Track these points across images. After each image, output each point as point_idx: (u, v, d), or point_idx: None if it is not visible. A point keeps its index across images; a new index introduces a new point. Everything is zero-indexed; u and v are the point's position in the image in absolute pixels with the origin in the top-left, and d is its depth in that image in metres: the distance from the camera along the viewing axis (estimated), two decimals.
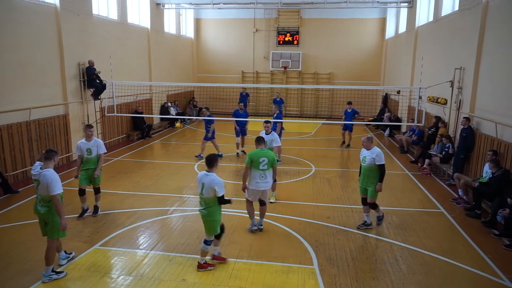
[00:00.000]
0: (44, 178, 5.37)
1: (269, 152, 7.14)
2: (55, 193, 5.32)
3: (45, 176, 5.37)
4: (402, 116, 16.98)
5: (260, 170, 6.94)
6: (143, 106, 16.59)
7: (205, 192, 5.67)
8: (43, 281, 5.47)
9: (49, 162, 5.53)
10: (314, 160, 12.67)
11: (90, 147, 7.63)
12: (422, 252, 6.53)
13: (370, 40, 22.51)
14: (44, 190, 5.39)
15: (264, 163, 6.93)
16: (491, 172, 8.10)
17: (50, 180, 5.33)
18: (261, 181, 6.98)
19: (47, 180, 5.34)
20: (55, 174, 5.46)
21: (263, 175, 6.97)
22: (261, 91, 23.41)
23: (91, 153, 7.63)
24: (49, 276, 5.51)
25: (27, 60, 10.30)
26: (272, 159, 7.04)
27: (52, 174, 5.42)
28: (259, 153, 6.98)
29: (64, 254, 6.02)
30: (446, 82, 11.59)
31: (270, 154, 7.06)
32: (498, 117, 8.84)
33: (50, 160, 5.54)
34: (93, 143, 7.69)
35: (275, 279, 5.65)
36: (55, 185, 5.33)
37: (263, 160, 6.93)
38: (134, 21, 16.64)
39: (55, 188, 5.32)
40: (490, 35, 9.62)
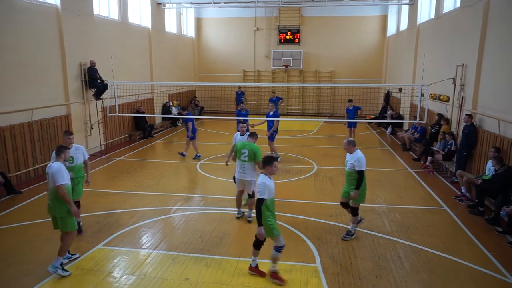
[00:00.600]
0: (50, 170, 5.58)
1: (252, 145, 7.20)
2: (59, 183, 5.48)
3: (51, 168, 5.58)
4: (404, 114, 16.94)
5: (241, 160, 7.24)
6: (145, 105, 16.61)
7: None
8: (48, 270, 5.58)
9: (58, 158, 5.75)
10: (316, 158, 12.66)
11: (71, 154, 6.76)
12: (425, 250, 6.51)
13: (372, 38, 22.45)
14: (50, 182, 5.59)
15: (244, 155, 7.15)
16: (494, 169, 8.07)
17: (55, 171, 5.51)
18: (242, 171, 7.25)
19: (53, 171, 5.53)
20: (62, 166, 5.62)
21: (243, 166, 7.21)
22: (262, 89, 23.40)
23: (73, 161, 6.79)
24: (55, 268, 5.59)
25: (28, 61, 10.32)
26: (253, 153, 7.08)
27: (58, 165, 5.59)
28: (242, 145, 7.27)
29: (67, 254, 6.04)
30: (448, 79, 11.55)
31: (251, 147, 7.16)
32: (501, 114, 8.80)
33: (59, 156, 5.76)
34: (74, 150, 6.85)
35: None
36: (60, 176, 5.49)
37: (244, 152, 7.17)
38: (135, 21, 16.65)
39: (60, 178, 5.48)
40: (492, 32, 9.57)
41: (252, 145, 7.23)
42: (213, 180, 10.47)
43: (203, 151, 13.19)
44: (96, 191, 9.19)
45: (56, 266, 5.59)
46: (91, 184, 7.27)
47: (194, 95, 23.20)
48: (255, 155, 7.11)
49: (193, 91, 23.40)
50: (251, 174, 7.22)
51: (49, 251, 6.22)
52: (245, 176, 7.24)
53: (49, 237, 6.76)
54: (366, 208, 8.24)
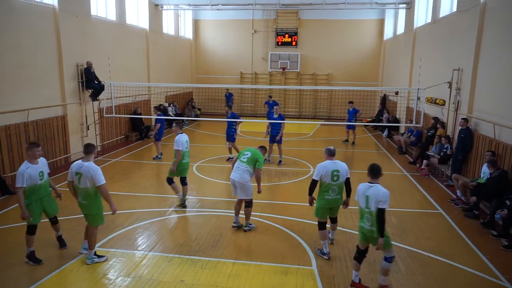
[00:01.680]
0: (86, 171, 5.65)
1: (257, 151, 7.23)
2: (101, 183, 5.70)
3: (88, 168, 5.67)
4: (400, 117, 17.00)
5: (239, 160, 7.18)
6: (142, 107, 16.57)
7: (371, 206, 5.11)
8: (86, 263, 5.95)
9: (90, 156, 5.82)
10: (312, 161, 12.67)
11: (41, 169, 5.97)
12: (421, 253, 6.53)
13: (369, 41, 22.55)
14: (85, 183, 5.69)
15: (245, 156, 7.14)
16: (489, 173, 8.12)
17: (94, 172, 5.65)
18: (235, 171, 7.11)
19: (90, 172, 5.64)
20: (97, 167, 5.76)
21: (239, 167, 7.10)
22: (259, 92, 23.42)
23: (43, 176, 6.01)
24: (92, 259, 5.96)
25: (25, 61, 10.28)
26: (255, 157, 7.07)
27: (94, 166, 5.73)
28: (248, 149, 7.35)
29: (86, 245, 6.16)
30: (444, 83, 11.61)
31: (255, 152, 7.19)
32: (496, 118, 8.86)
33: (91, 154, 5.84)
34: (42, 164, 6.04)
35: (274, 280, 5.64)
36: (100, 176, 5.70)
37: (246, 154, 7.18)
38: (133, 22, 16.63)
39: (101, 178, 5.70)
40: (488, 37, 9.65)
41: (258, 151, 7.26)
42: (209, 182, 10.46)
43: (200, 153, 13.18)
44: None
45: (91, 257, 5.98)
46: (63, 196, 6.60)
47: (191, 97, 23.19)
48: (257, 161, 7.06)
49: (190, 93, 23.39)
50: (244, 175, 7.00)
51: (45, 252, 6.20)
52: (235, 176, 7.05)
53: (44, 238, 6.73)
54: None
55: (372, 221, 5.13)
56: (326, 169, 6.10)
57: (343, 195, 6.29)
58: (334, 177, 6.10)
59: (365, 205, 5.19)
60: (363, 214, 5.28)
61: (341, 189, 6.21)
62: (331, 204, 6.24)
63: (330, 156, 6.26)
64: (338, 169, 6.13)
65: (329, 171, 6.09)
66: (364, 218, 5.27)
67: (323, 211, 6.29)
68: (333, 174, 6.09)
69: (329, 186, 6.12)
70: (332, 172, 6.09)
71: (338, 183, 6.14)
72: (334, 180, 6.11)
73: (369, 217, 5.16)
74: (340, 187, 6.19)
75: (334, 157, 6.29)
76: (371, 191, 5.13)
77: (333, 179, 6.10)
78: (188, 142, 8.51)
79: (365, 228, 5.24)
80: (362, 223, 5.32)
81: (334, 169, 6.11)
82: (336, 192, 6.17)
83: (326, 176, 6.09)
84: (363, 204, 5.23)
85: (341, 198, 6.28)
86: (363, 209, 5.25)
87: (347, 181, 6.22)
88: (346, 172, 6.19)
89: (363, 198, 5.23)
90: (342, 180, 6.16)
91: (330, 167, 6.12)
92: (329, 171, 6.09)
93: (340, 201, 6.29)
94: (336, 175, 6.10)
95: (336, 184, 6.13)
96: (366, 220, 5.22)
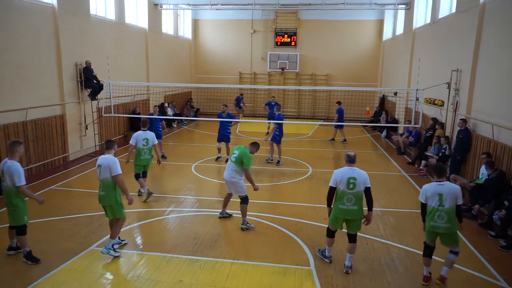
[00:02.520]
0: (105, 161, 6.00)
1: (245, 151, 7.23)
2: (117, 173, 5.98)
3: (107, 159, 6.02)
4: (399, 118, 17.02)
5: (230, 159, 7.40)
6: (141, 106, 16.55)
7: (446, 203, 5.31)
8: (102, 251, 6.11)
9: (110, 151, 6.20)
10: (311, 161, 12.68)
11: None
12: (419, 253, 6.51)
13: (368, 42, 22.57)
14: (105, 173, 5.99)
15: (234, 155, 7.25)
16: (487, 174, 8.13)
17: (112, 162, 5.98)
18: (226, 170, 7.38)
19: (109, 162, 5.97)
20: (115, 158, 6.11)
21: (229, 165, 7.32)
22: (258, 92, 23.42)
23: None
24: (108, 249, 6.10)
25: (24, 60, 10.26)
26: (241, 157, 7.11)
27: (113, 157, 6.09)
28: (237, 147, 7.40)
29: (118, 240, 6.38)
30: (443, 84, 11.62)
31: (243, 152, 7.20)
32: (495, 119, 8.87)
33: (111, 149, 6.22)
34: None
35: (272, 280, 5.64)
36: (117, 167, 6.00)
37: (234, 153, 7.28)
38: (132, 21, 16.61)
39: (118, 169, 5.99)
40: (487, 38, 9.66)
41: (246, 151, 7.23)
42: (208, 181, 10.45)
43: (198, 153, 13.17)
44: (89, 192, 9.13)
45: (109, 247, 6.10)
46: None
47: (190, 97, 23.17)
48: (242, 161, 7.10)
49: (189, 93, 23.37)
50: (232, 174, 7.24)
51: (41, 252, 6.18)
52: (225, 175, 7.36)
53: (42, 238, 6.73)
54: None
55: (447, 218, 5.32)
56: (341, 176, 5.72)
57: (363, 207, 5.80)
58: (349, 185, 5.68)
59: (439, 203, 5.33)
60: (435, 212, 5.37)
61: (358, 199, 5.72)
62: (346, 215, 5.76)
63: (349, 162, 5.85)
64: (355, 176, 5.69)
65: (344, 178, 5.70)
66: (435, 216, 5.36)
67: (335, 221, 5.86)
68: (349, 182, 5.67)
69: (344, 194, 5.71)
70: (348, 180, 5.68)
71: (354, 192, 5.69)
72: (349, 188, 5.68)
73: (444, 215, 5.32)
74: (357, 196, 5.71)
75: (354, 164, 5.85)
76: (444, 189, 5.33)
77: (349, 187, 5.68)
78: (146, 140, 8.71)
79: (441, 227, 5.36)
80: (435, 223, 5.38)
81: (350, 176, 5.70)
82: (352, 202, 5.70)
83: (341, 183, 5.71)
84: (436, 203, 5.36)
85: (359, 210, 5.75)
86: (437, 207, 5.35)
87: (368, 191, 5.75)
88: (364, 181, 5.72)
89: (436, 196, 5.35)
90: (360, 189, 5.70)
91: (347, 174, 5.73)
92: (345, 178, 5.70)
93: (357, 212, 5.74)
94: (353, 183, 5.67)
95: (352, 193, 5.69)
96: (439, 218, 5.34)
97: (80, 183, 10.05)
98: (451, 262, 5.54)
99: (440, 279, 5.55)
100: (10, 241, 6.27)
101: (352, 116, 19.34)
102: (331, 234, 6.07)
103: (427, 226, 5.52)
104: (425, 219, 5.56)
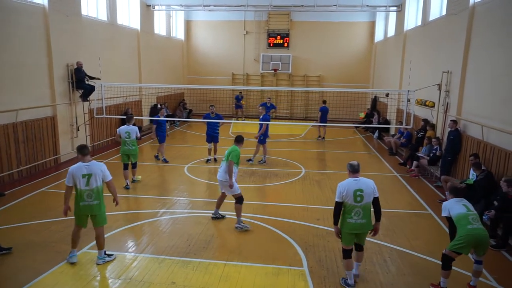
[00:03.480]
0: (96, 169, 5.80)
1: (233, 147, 7.39)
2: (110, 178, 5.94)
3: (96, 167, 5.82)
4: (391, 119, 17.16)
5: (223, 160, 7.45)
6: (133, 107, 16.47)
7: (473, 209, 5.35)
8: (98, 263, 5.95)
9: (88, 157, 5.89)
10: (304, 162, 12.72)
11: None
12: (411, 253, 6.60)
13: (360, 44, 22.73)
14: (96, 182, 5.79)
15: (225, 155, 7.37)
16: (475, 175, 8.24)
17: (104, 168, 5.89)
18: (219, 171, 7.43)
19: (100, 169, 5.84)
20: (101, 163, 5.98)
21: (221, 165, 7.42)
22: (251, 93, 23.45)
23: None
24: (103, 259, 6.01)
25: (14, 61, 10.15)
26: (229, 152, 7.28)
27: (99, 163, 5.95)
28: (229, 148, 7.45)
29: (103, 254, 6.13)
30: (433, 85, 11.76)
31: (231, 148, 7.38)
32: (484, 120, 9.00)
33: (88, 155, 5.90)
34: None
35: (265, 281, 5.65)
36: (108, 172, 5.94)
37: (226, 152, 7.41)
38: (124, 22, 16.53)
39: (109, 174, 5.94)
40: (476, 40, 9.80)
41: (235, 147, 7.41)
42: (200, 183, 10.44)
43: (191, 154, 13.13)
44: None
45: (102, 257, 6.02)
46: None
47: (183, 98, 23.11)
48: (229, 154, 7.25)
49: (182, 94, 23.31)
50: (223, 174, 7.29)
51: (33, 255, 6.12)
52: (219, 175, 7.44)
53: (33, 241, 6.66)
54: None
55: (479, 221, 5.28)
56: (347, 189, 5.26)
57: (372, 219, 5.43)
58: (357, 197, 5.23)
59: (467, 209, 5.32)
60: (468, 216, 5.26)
61: (367, 211, 5.31)
62: (356, 229, 5.34)
63: (352, 173, 5.40)
64: (362, 188, 5.26)
65: (350, 190, 5.24)
66: (471, 220, 5.21)
67: (347, 238, 5.39)
68: (356, 195, 5.23)
69: (352, 208, 5.27)
70: (355, 192, 5.23)
71: (362, 205, 5.26)
72: (357, 201, 5.24)
73: (476, 218, 5.28)
74: (365, 209, 5.29)
75: (358, 174, 5.39)
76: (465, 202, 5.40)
77: (356, 200, 5.24)
78: (128, 133, 9.73)
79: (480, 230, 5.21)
80: (472, 226, 5.19)
81: (356, 188, 5.25)
82: (361, 215, 5.27)
83: (347, 196, 5.24)
84: (464, 209, 5.31)
85: (368, 223, 5.35)
86: (467, 212, 5.29)
87: (376, 201, 5.37)
88: (372, 191, 5.31)
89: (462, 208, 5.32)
90: (368, 200, 5.29)
91: (352, 186, 5.27)
92: (351, 190, 5.24)
93: (367, 226, 5.35)
94: (360, 195, 5.23)
95: (360, 206, 5.25)
96: (474, 220, 5.23)
97: None
98: (479, 272, 5.52)
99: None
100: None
101: (344, 117, 19.43)
102: (348, 255, 5.48)
103: (464, 231, 5.15)
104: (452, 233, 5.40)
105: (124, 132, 9.76)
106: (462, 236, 5.16)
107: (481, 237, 5.18)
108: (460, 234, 5.20)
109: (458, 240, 5.19)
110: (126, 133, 9.77)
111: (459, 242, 5.17)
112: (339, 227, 5.44)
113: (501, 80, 8.46)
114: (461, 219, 5.25)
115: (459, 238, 5.19)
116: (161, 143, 12.32)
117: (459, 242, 5.18)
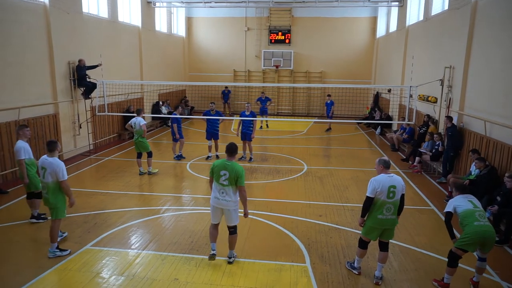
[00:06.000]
0: (50, 166, 5.88)
1: (234, 165, 5.74)
2: (63, 179, 5.92)
3: (52, 164, 5.89)
4: (393, 115, 17.11)
5: (219, 184, 5.79)
6: (135, 105, 16.47)
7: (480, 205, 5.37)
8: (49, 256, 6.02)
9: (54, 153, 6.03)
10: (306, 158, 12.72)
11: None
12: (413, 249, 6.59)
13: (361, 39, 22.64)
14: (49, 177, 5.91)
15: (224, 178, 5.74)
16: (478, 170, 8.21)
17: (58, 168, 5.88)
18: (221, 197, 5.82)
19: (54, 167, 5.87)
20: (61, 162, 5.98)
21: (223, 191, 5.79)
22: (252, 90, 23.41)
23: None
24: (53, 253, 6.04)
25: (16, 59, 10.15)
26: (236, 176, 5.67)
27: (58, 161, 5.94)
28: (222, 165, 5.76)
29: (60, 233, 6.39)
30: (436, 80, 11.71)
31: (233, 169, 5.70)
32: (487, 116, 8.96)
33: (54, 151, 6.04)
34: None
35: (268, 277, 5.66)
36: (63, 173, 5.92)
37: (224, 174, 5.74)
38: (125, 19, 16.51)
39: (63, 175, 5.92)
40: (479, 34, 9.74)
41: (235, 165, 5.76)
42: (203, 179, 10.45)
43: (193, 151, 13.13)
44: (84, 191, 9.10)
45: (53, 251, 6.04)
46: None
47: (184, 95, 23.10)
48: (238, 179, 5.71)
49: (183, 91, 23.31)
50: (232, 200, 5.82)
51: (36, 251, 6.16)
52: (226, 204, 5.82)
53: (36, 237, 6.70)
54: (356, 207, 8.32)
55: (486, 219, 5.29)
56: (382, 185, 5.30)
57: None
58: (390, 193, 5.30)
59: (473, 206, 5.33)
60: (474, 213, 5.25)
61: (396, 208, 5.40)
62: (385, 225, 5.40)
63: (386, 169, 5.47)
64: (395, 184, 5.33)
65: (385, 186, 5.29)
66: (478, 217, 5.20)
67: (372, 231, 5.49)
68: (390, 191, 5.29)
69: (384, 204, 5.32)
70: (389, 188, 5.29)
71: (394, 201, 5.35)
72: (390, 197, 5.31)
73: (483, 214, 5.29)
74: (396, 205, 5.38)
75: (389, 170, 5.52)
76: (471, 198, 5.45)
77: (389, 196, 5.30)
78: (137, 124, 10.58)
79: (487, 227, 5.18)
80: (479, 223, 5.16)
81: (391, 184, 5.31)
82: (392, 211, 5.36)
83: (381, 193, 5.30)
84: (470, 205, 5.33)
85: (396, 219, 5.47)
86: (474, 209, 5.28)
87: (402, 198, 5.45)
88: (402, 188, 5.41)
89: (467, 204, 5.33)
90: (398, 197, 5.38)
91: (387, 182, 5.32)
92: (386, 187, 5.29)
93: (394, 221, 5.45)
94: (393, 191, 5.30)
95: (391, 202, 5.34)
96: (481, 217, 5.22)
97: (74, 182, 9.96)
98: (482, 269, 5.52)
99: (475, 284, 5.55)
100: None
101: (346, 113, 19.39)
102: (365, 246, 5.68)
103: (471, 228, 5.13)
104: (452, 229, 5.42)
105: (132, 123, 10.70)
106: (469, 233, 5.14)
107: (488, 234, 5.15)
108: (467, 231, 5.17)
109: (465, 237, 5.17)
110: (134, 124, 10.63)
111: (466, 239, 5.16)
112: (366, 222, 5.53)
113: (504, 75, 8.41)
114: (468, 216, 5.23)
115: (466, 235, 5.17)
116: (182, 138, 12.42)
117: (465, 239, 5.16)
